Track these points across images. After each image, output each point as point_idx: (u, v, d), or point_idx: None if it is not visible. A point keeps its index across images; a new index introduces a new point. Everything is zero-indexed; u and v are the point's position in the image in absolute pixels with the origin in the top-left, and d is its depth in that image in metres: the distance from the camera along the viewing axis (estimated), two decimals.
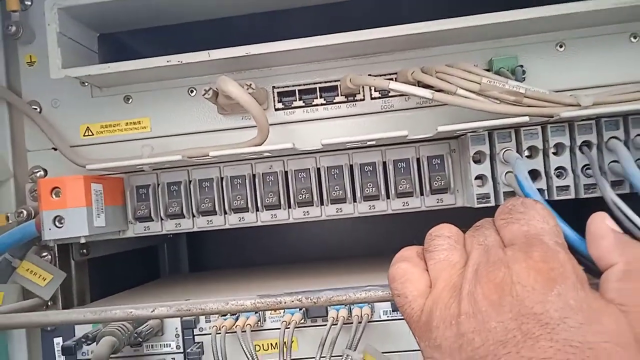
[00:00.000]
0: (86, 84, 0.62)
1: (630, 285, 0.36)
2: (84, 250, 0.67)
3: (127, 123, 0.63)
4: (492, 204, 0.55)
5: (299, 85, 0.61)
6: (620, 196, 0.46)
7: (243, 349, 0.55)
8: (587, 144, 0.54)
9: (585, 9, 0.52)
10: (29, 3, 0.64)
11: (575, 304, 0.33)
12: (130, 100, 0.63)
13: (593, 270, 0.39)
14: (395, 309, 0.58)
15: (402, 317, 0.48)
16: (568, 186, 0.54)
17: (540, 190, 0.54)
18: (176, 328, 0.61)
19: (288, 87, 0.61)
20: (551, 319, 0.33)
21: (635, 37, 0.58)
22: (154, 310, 0.47)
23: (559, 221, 0.42)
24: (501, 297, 0.34)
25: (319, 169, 0.60)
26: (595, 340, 0.32)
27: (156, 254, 0.94)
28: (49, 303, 0.62)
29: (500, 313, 0.34)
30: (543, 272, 0.35)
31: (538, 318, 0.33)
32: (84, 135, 0.63)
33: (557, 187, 0.54)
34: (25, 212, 0.61)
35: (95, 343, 0.56)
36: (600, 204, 0.45)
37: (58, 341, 0.62)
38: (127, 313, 0.49)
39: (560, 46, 0.58)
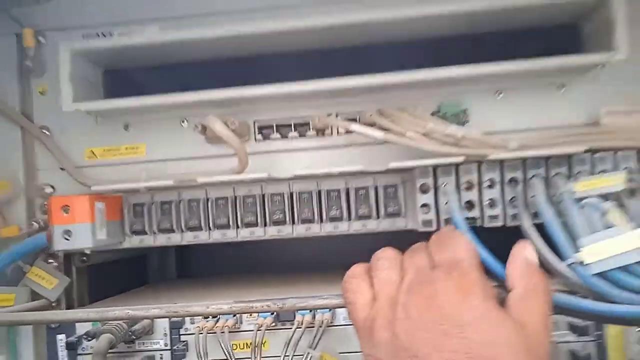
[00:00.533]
0: (91, 113, 0.72)
1: (525, 305, 0.47)
2: (84, 258, 0.76)
3: (125, 148, 0.72)
4: (434, 228, 0.65)
5: (277, 120, 0.71)
6: (538, 225, 0.57)
7: (222, 347, 0.65)
8: (514, 179, 0.64)
9: (516, 68, 0.62)
10: (43, 40, 0.73)
11: (482, 313, 0.44)
12: (129, 128, 0.72)
13: (507, 289, 0.50)
14: None
15: None
16: (497, 215, 0.64)
17: (474, 219, 0.64)
18: (164, 328, 0.70)
19: (267, 121, 0.71)
20: (463, 322, 0.43)
21: (562, 87, 0.68)
22: (147, 312, 0.57)
23: (481, 249, 0.54)
24: (427, 306, 0.45)
25: (291, 194, 0.70)
26: (494, 342, 0.42)
27: (146, 261, 1.03)
28: (54, 304, 0.71)
29: (425, 317, 0.44)
30: (459, 288, 0.46)
31: (453, 321, 0.43)
32: (88, 158, 0.72)
33: (488, 215, 0.64)
34: (35, 224, 0.70)
35: (95, 339, 0.66)
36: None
37: (61, 337, 0.71)
38: (125, 313, 0.59)
39: (499, 94, 0.69)
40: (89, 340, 0.68)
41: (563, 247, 0.54)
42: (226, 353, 0.64)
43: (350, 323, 0.66)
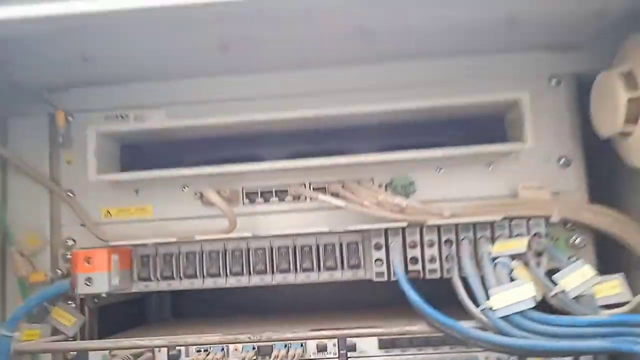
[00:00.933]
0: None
1: None
2: (96, 300, 0.90)
3: (135, 209, 0.88)
4: (386, 279, 0.81)
5: (261, 187, 0.87)
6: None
7: None
8: (449, 240, 0.81)
9: (451, 153, 0.80)
10: (71, 119, 0.89)
11: None
12: (139, 192, 0.88)
13: None
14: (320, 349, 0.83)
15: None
16: (436, 269, 0.81)
17: (417, 271, 0.80)
18: None
19: (253, 188, 0.87)
20: None
21: (489, 166, 0.86)
22: (152, 342, 0.72)
23: (418, 297, 0.69)
24: None
25: (272, 248, 0.85)
26: None
27: (145, 303, 1.16)
28: (70, 339, 0.85)
29: None
30: None
31: None
32: (104, 216, 0.88)
33: (428, 269, 0.81)
34: (59, 272, 0.85)
35: None
36: None
37: None
38: (133, 343, 0.73)
39: (439, 170, 0.86)
40: None
41: (478, 295, 0.70)
42: None
43: (319, 357, 0.81)
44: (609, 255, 0.82)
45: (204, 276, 0.85)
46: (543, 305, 0.71)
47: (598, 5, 0.74)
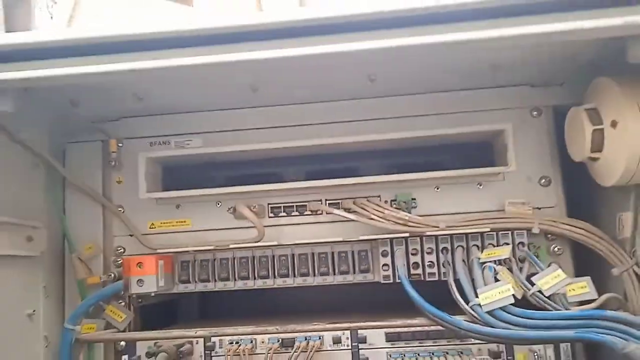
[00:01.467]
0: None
1: None
2: (140, 300, 1.05)
3: (177, 221, 1.03)
4: (391, 281, 0.95)
5: (284, 203, 1.01)
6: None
7: None
8: (445, 248, 0.95)
9: (447, 175, 0.94)
10: (121, 145, 1.04)
11: None
12: (179, 207, 1.03)
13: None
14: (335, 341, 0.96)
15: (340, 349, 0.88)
16: (435, 272, 0.94)
17: (418, 274, 0.94)
18: (201, 351, 0.97)
19: (277, 204, 1.01)
20: None
21: (480, 185, 1.00)
22: (195, 332, 0.86)
23: (419, 297, 0.83)
24: None
25: (293, 255, 0.99)
26: None
27: (176, 305, 1.30)
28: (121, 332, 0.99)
29: None
30: None
31: None
32: (150, 228, 1.03)
33: (428, 273, 0.94)
34: (111, 275, 1.00)
35: (153, 357, 0.93)
36: None
37: (125, 357, 0.98)
38: (176, 334, 0.88)
39: (437, 188, 1.00)
40: (149, 358, 0.95)
41: (468, 294, 0.84)
42: None
43: (335, 349, 0.94)
44: (584, 261, 0.96)
45: (235, 279, 0.99)
46: (524, 303, 0.85)
47: (569, 54, 0.88)
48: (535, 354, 0.90)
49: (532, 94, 1.01)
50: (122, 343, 0.97)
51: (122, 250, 1.02)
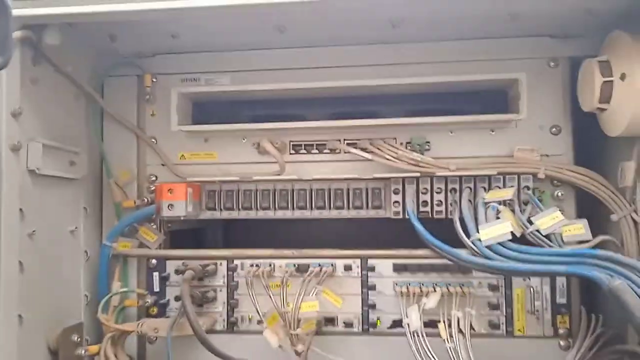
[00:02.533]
0: (184, 131, 1.10)
1: None
2: (170, 225, 1.14)
3: (205, 154, 1.10)
4: (401, 217, 1.01)
5: (305, 141, 1.08)
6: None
7: (262, 284, 1.02)
8: (454, 189, 1.01)
9: (461, 120, 0.99)
10: (155, 80, 1.11)
11: None
12: (208, 141, 1.10)
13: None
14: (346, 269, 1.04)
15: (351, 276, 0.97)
16: (442, 211, 1.01)
17: (427, 212, 1.01)
18: (224, 271, 1.07)
19: (298, 142, 1.08)
20: None
21: (492, 131, 1.04)
22: (219, 252, 0.96)
23: (427, 232, 0.90)
24: None
25: (311, 190, 1.07)
26: None
27: (202, 233, 1.40)
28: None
29: None
30: None
31: None
32: (180, 158, 1.11)
33: (436, 211, 1.01)
34: (145, 200, 1.09)
35: (182, 274, 1.03)
36: None
37: (156, 274, 1.09)
38: (203, 254, 0.98)
39: (451, 132, 1.05)
40: (177, 274, 1.05)
41: (470, 230, 0.90)
42: (264, 287, 1.01)
43: (346, 275, 1.03)
44: (587, 207, 1.01)
45: (257, 209, 1.07)
46: (524, 241, 0.91)
47: (591, 5, 0.90)
48: (532, 289, 0.98)
49: (551, 44, 1.03)
50: (154, 261, 1.08)
51: (154, 178, 1.11)
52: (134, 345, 1.07)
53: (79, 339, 0.97)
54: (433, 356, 0.87)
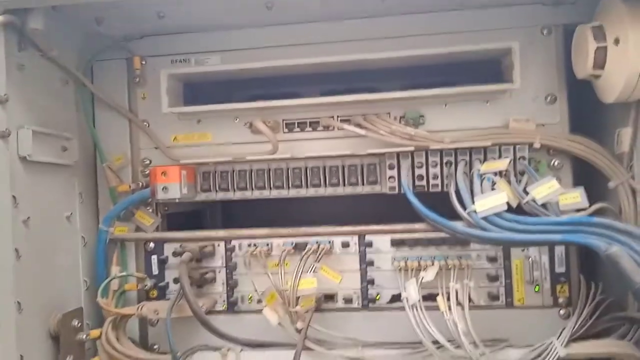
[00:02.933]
0: (176, 113, 1.09)
1: None
2: (166, 208, 1.13)
3: (198, 135, 1.10)
4: (397, 192, 1.01)
5: (297, 119, 1.07)
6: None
7: (260, 263, 1.02)
8: (449, 162, 1.00)
9: (452, 92, 0.98)
10: (144, 63, 1.10)
11: None
12: (200, 122, 1.09)
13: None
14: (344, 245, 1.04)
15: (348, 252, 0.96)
16: (438, 184, 1.00)
17: (422, 186, 1.00)
18: (222, 252, 1.07)
19: (291, 120, 1.07)
20: None
21: (487, 102, 1.03)
22: (217, 234, 0.95)
23: (423, 205, 0.89)
24: None
25: (306, 168, 1.06)
26: None
27: (201, 215, 1.40)
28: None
29: None
30: None
31: None
32: (173, 141, 1.10)
33: (431, 184, 1.00)
34: (140, 184, 1.08)
35: (179, 256, 1.03)
36: None
37: (154, 257, 1.08)
38: (200, 235, 0.97)
39: (445, 105, 1.04)
40: (175, 257, 1.05)
41: (466, 202, 0.90)
42: (262, 267, 1.01)
43: (343, 252, 1.03)
44: (584, 176, 1.00)
45: (252, 189, 1.07)
46: (521, 212, 0.91)
47: None
48: (530, 259, 0.98)
49: (544, 12, 1.02)
50: (151, 244, 1.08)
51: (148, 161, 1.10)
52: (135, 329, 1.07)
53: (79, 324, 0.98)
54: (432, 329, 0.87)
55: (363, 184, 1.05)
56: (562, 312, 0.97)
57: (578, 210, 0.91)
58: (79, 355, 0.96)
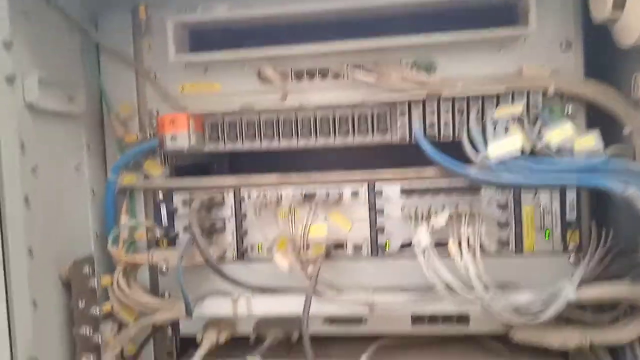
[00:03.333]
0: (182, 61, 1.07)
1: None
2: (175, 160, 1.13)
3: (205, 84, 1.08)
4: (408, 141, 1.00)
5: (307, 68, 1.05)
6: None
7: (270, 212, 1.02)
8: (461, 109, 0.99)
9: (469, 36, 0.96)
10: (150, 12, 1.08)
11: None
12: (207, 71, 1.08)
13: None
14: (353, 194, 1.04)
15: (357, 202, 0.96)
16: (450, 133, 0.99)
17: (434, 136, 0.99)
18: (231, 202, 1.06)
19: (300, 69, 1.05)
20: None
21: (500, 49, 1.01)
22: (224, 181, 0.95)
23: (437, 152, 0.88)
24: None
25: (315, 117, 1.05)
26: None
27: (208, 168, 1.39)
28: None
29: None
30: None
31: None
32: (180, 91, 1.08)
33: (443, 134, 0.99)
34: (147, 134, 1.07)
35: (189, 205, 1.03)
36: None
37: (163, 207, 1.08)
38: (209, 182, 0.97)
39: (458, 51, 1.02)
40: (185, 206, 1.05)
41: (479, 146, 0.89)
42: (273, 216, 1.01)
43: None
44: (598, 123, 0.99)
45: (261, 139, 1.06)
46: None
47: None
48: (541, 205, 0.97)
49: None
50: (161, 194, 1.07)
51: (156, 112, 1.09)
52: (145, 278, 1.08)
53: (91, 271, 0.98)
54: (444, 272, 0.87)
55: (373, 133, 1.03)
56: (572, 258, 0.97)
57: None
58: (91, 301, 0.97)
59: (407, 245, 1.00)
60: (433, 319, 1.02)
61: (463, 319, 1.01)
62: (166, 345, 1.08)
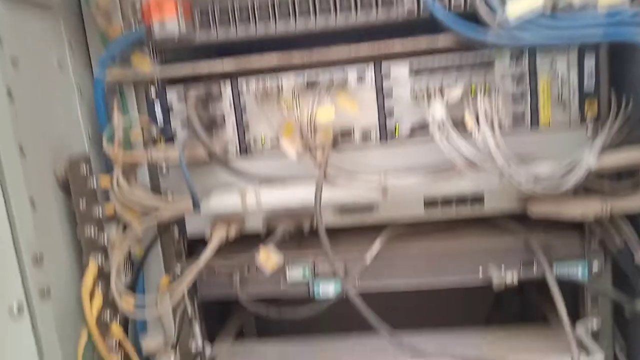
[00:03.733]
0: None
1: None
2: (164, 55, 1.05)
3: None
4: (415, 16, 0.92)
5: None
6: None
7: (272, 101, 0.96)
8: None
9: None
10: None
11: None
12: None
13: None
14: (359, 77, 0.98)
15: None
16: (461, 2, 0.91)
17: (443, 5, 0.91)
18: (229, 94, 1.00)
19: None
20: None
21: None
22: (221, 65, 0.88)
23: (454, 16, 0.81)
24: None
25: None
26: None
27: None
28: None
29: None
30: None
31: None
32: None
33: (454, 3, 0.91)
34: (133, 26, 0.99)
35: (185, 100, 0.97)
36: None
37: (157, 103, 1.01)
38: (210, 68, 0.89)
39: None
40: (180, 101, 0.99)
41: (496, 7, 0.82)
42: (275, 106, 0.95)
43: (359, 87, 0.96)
44: None
45: (256, 23, 0.97)
46: None
47: None
48: (559, 75, 0.92)
49: None
50: (153, 91, 1.00)
51: (139, 3, 1.00)
52: (146, 181, 1.03)
53: (88, 171, 0.93)
54: (461, 146, 0.83)
55: (377, 8, 0.95)
56: (590, 130, 0.93)
57: None
58: (92, 202, 0.92)
59: (417, 128, 0.96)
60: (447, 201, 0.99)
61: (477, 199, 0.99)
62: (174, 246, 1.05)
